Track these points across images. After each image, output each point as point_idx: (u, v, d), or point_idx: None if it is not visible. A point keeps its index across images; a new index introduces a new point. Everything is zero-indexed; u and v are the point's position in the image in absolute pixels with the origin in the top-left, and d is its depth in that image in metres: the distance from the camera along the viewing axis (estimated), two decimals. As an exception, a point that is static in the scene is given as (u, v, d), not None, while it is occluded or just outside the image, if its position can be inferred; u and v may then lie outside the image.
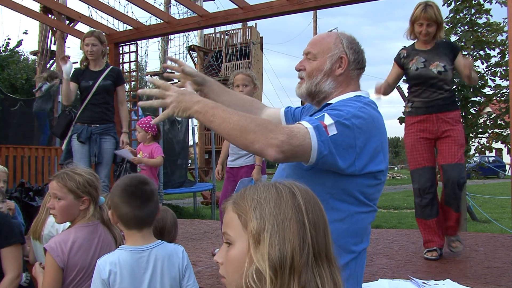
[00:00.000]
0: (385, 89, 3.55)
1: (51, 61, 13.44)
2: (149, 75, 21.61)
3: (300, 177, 1.35)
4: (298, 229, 0.88)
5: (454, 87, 5.91)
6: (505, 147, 6.39)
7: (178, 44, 30.19)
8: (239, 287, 0.91)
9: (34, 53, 14.63)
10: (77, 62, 5.32)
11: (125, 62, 6.64)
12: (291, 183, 0.96)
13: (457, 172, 3.34)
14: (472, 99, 6.12)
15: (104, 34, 6.40)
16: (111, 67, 4.56)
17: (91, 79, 4.41)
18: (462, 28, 6.24)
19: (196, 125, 14.95)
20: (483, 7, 6.09)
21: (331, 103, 1.54)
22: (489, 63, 6.14)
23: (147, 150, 4.29)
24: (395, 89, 6.34)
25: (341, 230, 1.42)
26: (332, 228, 1.40)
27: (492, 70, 6.18)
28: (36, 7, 10.45)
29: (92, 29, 4.62)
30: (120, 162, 4.41)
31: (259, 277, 0.87)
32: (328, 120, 1.35)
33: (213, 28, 22.83)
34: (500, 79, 6.10)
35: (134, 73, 7.51)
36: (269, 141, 1.29)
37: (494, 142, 6.91)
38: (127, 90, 7.64)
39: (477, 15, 6.16)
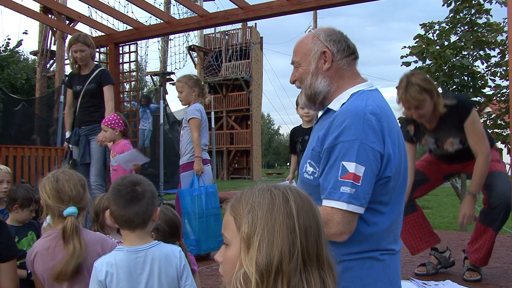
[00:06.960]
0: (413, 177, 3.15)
1: (51, 61, 13.44)
2: (149, 75, 21.59)
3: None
4: (288, 235, 0.89)
5: (454, 87, 5.90)
6: (505, 147, 6.36)
7: (178, 44, 30.11)
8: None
9: (34, 53, 14.63)
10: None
11: (125, 62, 6.63)
12: (286, 188, 0.96)
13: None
14: (472, 99, 6.12)
15: (104, 34, 6.44)
16: (98, 69, 4.56)
17: (79, 83, 4.54)
18: (462, 28, 6.21)
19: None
20: (483, 7, 6.07)
21: (332, 110, 1.55)
22: (489, 63, 6.12)
23: (117, 149, 4.05)
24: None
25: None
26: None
27: (492, 70, 6.16)
28: (36, 7, 10.47)
29: (76, 34, 4.54)
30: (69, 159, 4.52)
31: (246, 281, 0.88)
32: (350, 167, 1.35)
33: (213, 28, 22.85)
34: (500, 79, 6.09)
35: (134, 73, 7.51)
36: (330, 237, 1.35)
37: (494, 142, 6.90)
38: (126, 90, 7.65)
39: (477, 15, 6.14)
